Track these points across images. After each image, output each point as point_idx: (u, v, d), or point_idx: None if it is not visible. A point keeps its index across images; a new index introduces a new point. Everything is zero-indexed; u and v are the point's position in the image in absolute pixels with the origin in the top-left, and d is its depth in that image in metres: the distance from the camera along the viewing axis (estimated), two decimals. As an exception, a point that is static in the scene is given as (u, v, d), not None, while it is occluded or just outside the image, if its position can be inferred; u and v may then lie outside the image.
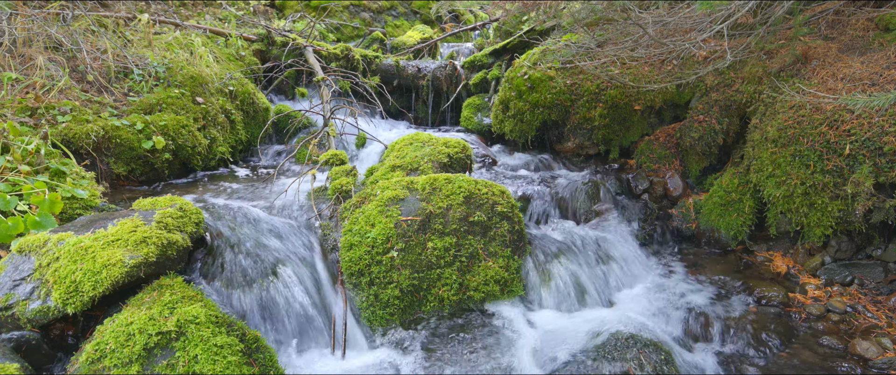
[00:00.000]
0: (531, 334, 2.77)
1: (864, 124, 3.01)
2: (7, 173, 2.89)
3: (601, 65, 4.34)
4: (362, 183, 3.71)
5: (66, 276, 2.22)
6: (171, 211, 2.67)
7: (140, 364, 2.01)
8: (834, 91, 3.24)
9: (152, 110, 4.13)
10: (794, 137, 3.25)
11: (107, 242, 2.34)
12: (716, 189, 3.84)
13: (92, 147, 3.64)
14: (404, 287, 2.81)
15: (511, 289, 3.00)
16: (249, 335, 2.29)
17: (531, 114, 4.56)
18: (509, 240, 3.09)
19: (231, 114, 4.80)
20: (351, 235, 2.92)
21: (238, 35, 6.14)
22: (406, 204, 3.01)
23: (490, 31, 7.68)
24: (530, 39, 5.52)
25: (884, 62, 3.30)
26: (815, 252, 3.45)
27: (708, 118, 3.99)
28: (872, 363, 2.60)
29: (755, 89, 3.81)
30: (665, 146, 4.24)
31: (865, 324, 2.88)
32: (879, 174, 2.92)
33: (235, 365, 2.13)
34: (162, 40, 5.13)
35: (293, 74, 6.24)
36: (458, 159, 3.75)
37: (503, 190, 3.24)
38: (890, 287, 3.10)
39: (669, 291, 3.25)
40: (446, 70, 6.19)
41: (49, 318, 2.23)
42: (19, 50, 4.04)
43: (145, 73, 4.39)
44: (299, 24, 7.50)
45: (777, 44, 3.94)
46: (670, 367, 2.52)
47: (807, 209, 3.22)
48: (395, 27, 8.83)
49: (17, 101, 3.59)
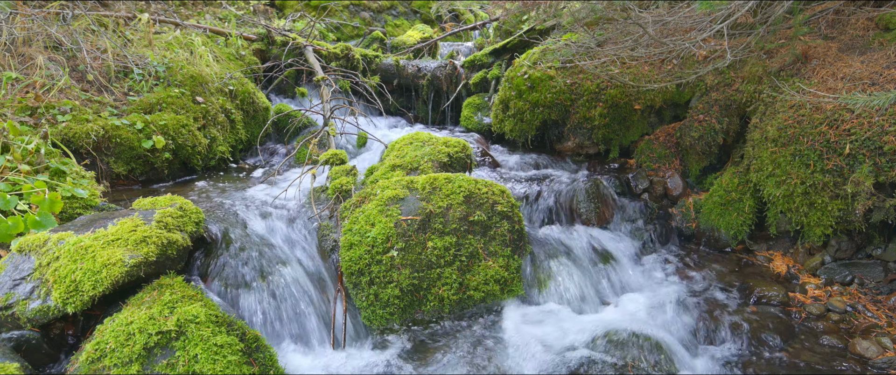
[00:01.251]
0: (531, 333, 2.77)
1: (864, 123, 3.01)
2: (7, 172, 2.89)
3: (601, 65, 4.34)
4: (362, 182, 3.71)
5: (66, 276, 2.22)
6: (171, 211, 2.67)
7: (140, 364, 2.01)
8: (834, 90, 3.24)
9: (152, 110, 4.13)
10: (794, 137, 3.25)
11: (107, 242, 2.34)
12: (716, 188, 3.84)
13: (92, 146, 3.64)
14: (404, 286, 2.81)
15: (511, 289, 3.00)
16: (249, 334, 2.29)
17: (531, 113, 4.55)
18: (509, 240, 3.09)
19: (231, 114, 4.80)
20: (351, 234, 2.92)
21: (238, 34, 6.14)
22: (406, 204, 3.01)
23: (490, 30, 7.67)
24: (530, 39, 5.51)
25: (884, 61, 3.30)
26: (815, 251, 3.45)
27: (708, 117, 3.99)
28: (872, 362, 2.60)
29: (755, 89, 3.81)
30: (665, 145, 4.24)
31: (865, 324, 2.88)
32: (879, 173, 2.92)
33: (235, 365, 2.13)
34: (162, 40, 5.13)
35: (293, 74, 6.24)
36: (458, 158, 3.75)
37: (503, 190, 3.24)
38: (890, 286, 3.10)
39: (669, 291, 3.25)
40: (446, 69, 6.19)
41: (49, 318, 2.23)
42: (19, 49, 4.04)
43: (145, 73, 4.39)
44: (299, 24, 7.50)
45: (777, 43, 3.94)
46: (670, 366, 2.52)
47: (807, 208, 3.22)
48: (395, 26, 8.83)
49: (17, 101, 3.59)
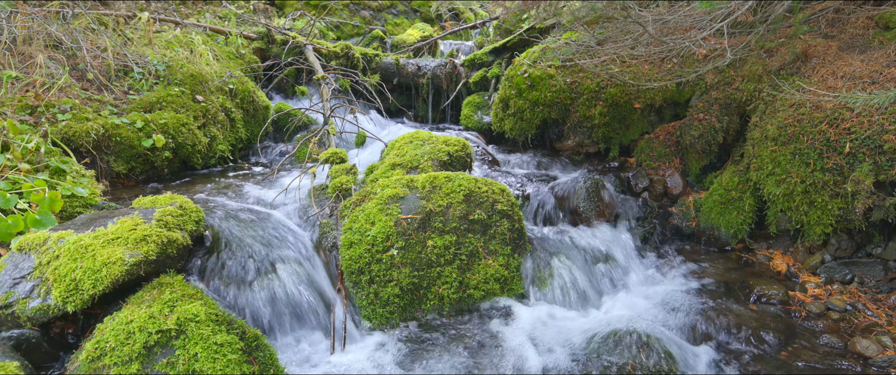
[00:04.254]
0: (531, 332, 2.78)
1: (864, 122, 3.01)
2: (7, 171, 2.89)
3: (601, 64, 4.34)
4: (362, 181, 3.71)
5: (66, 274, 2.22)
6: (171, 210, 2.67)
7: (140, 363, 2.01)
8: (834, 89, 3.24)
9: (152, 108, 4.13)
10: (795, 135, 3.25)
11: (107, 240, 2.34)
12: (716, 187, 3.84)
13: (92, 145, 3.64)
14: (404, 285, 2.81)
15: (511, 287, 3.00)
16: (249, 333, 2.29)
17: (531, 112, 4.55)
18: (509, 239, 3.08)
19: (231, 113, 4.80)
20: (351, 233, 2.92)
21: (238, 33, 6.14)
22: (406, 203, 3.01)
23: (490, 29, 7.67)
24: (530, 37, 5.51)
25: (884, 60, 3.30)
26: (815, 250, 3.45)
27: (708, 116, 3.99)
28: (872, 361, 2.60)
29: (755, 87, 3.80)
30: (665, 144, 4.24)
31: (865, 322, 2.88)
32: (879, 172, 2.92)
33: (235, 364, 2.13)
34: (162, 38, 5.12)
35: (293, 72, 6.23)
36: (458, 157, 3.75)
37: (503, 189, 3.23)
38: (890, 285, 3.10)
39: (669, 289, 3.25)
40: (446, 68, 6.18)
41: (49, 316, 2.23)
42: (19, 48, 4.04)
43: (145, 72, 4.39)
44: (299, 23, 7.50)
45: (777, 42, 3.94)
46: (670, 365, 2.52)
47: (807, 207, 3.22)
48: (395, 25, 8.83)
49: (17, 100, 3.59)
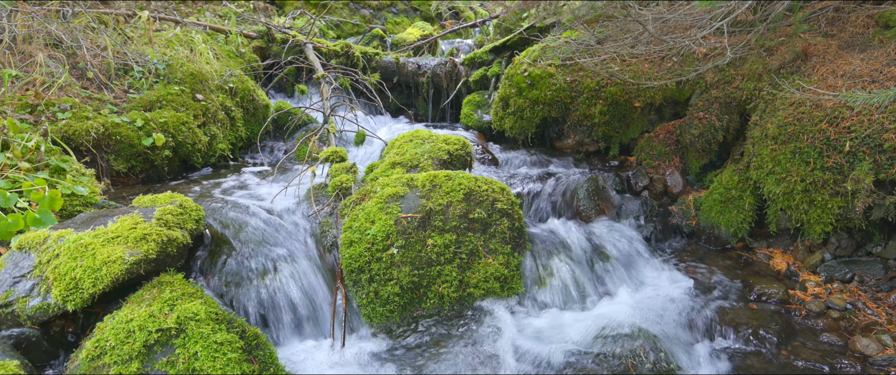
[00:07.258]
0: (532, 331, 2.78)
1: (864, 121, 3.00)
2: (7, 170, 2.89)
3: (601, 62, 4.34)
4: (362, 179, 3.71)
5: (66, 273, 2.22)
6: (171, 208, 2.68)
7: (140, 361, 2.01)
8: (834, 88, 3.24)
9: (152, 107, 4.13)
10: (795, 134, 3.25)
11: (107, 239, 2.34)
12: (716, 186, 3.84)
13: (92, 144, 3.64)
14: (404, 284, 2.81)
15: (511, 286, 3.00)
16: (249, 332, 2.29)
17: (531, 111, 4.55)
18: (509, 237, 3.09)
19: (231, 111, 4.80)
20: (351, 232, 2.92)
21: (238, 32, 6.14)
22: (406, 201, 3.01)
23: (490, 28, 7.66)
24: (530, 36, 5.50)
25: (884, 59, 3.30)
26: (814, 249, 3.45)
27: (708, 115, 3.99)
28: (872, 360, 2.60)
29: (755, 86, 3.80)
30: (665, 143, 4.24)
31: (865, 321, 2.88)
32: (879, 171, 2.92)
33: (235, 362, 2.13)
34: (162, 37, 5.12)
35: (293, 71, 6.23)
36: (458, 156, 3.75)
37: (503, 187, 3.23)
38: (890, 284, 3.10)
39: (669, 288, 3.25)
40: (446, 67, 6.18)
41: (49, 315, 2.23)
42: (19, 47, 4.04)
43: (145, 70, 4.39)
44: (299, 21, 7.49)
45: (777, 41, 3.93)
46: (670, 363, 2.53)
47: (807, 206, 3.22)
48: (395, 24, 8.82)
49: (17, 98, 3.59)
